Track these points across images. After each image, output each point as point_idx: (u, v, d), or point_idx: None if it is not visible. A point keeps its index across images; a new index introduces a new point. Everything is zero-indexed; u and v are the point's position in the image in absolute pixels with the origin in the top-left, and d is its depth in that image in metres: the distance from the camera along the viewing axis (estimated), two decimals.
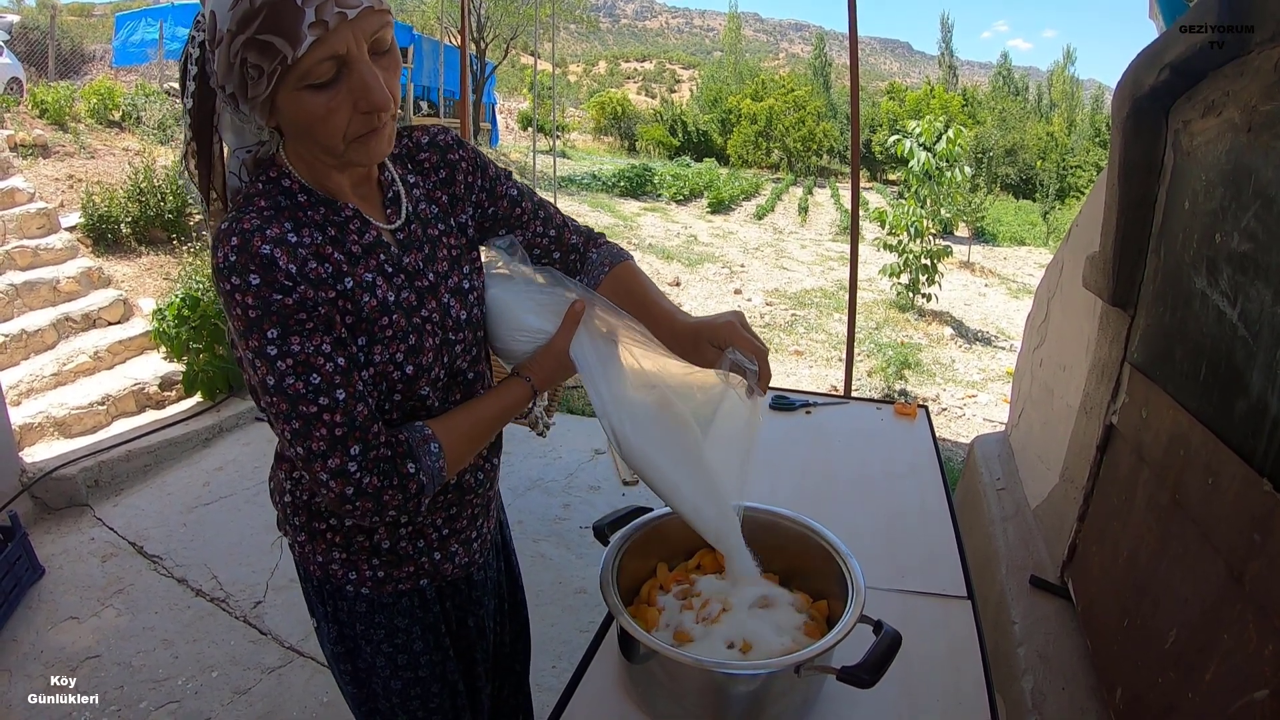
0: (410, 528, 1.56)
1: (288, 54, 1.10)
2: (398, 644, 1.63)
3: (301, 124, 1.21)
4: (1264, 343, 1.40)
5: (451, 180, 1.57)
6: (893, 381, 9.23)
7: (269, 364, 1.22)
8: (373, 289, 1.34)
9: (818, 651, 1.34)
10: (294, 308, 1.21)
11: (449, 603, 1.72)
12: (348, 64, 1.17)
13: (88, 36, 25.94)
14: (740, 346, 1.42)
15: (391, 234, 1.42)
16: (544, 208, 1.70)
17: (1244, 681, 1.28)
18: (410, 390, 1.41)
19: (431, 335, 1.43)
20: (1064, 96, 53.99)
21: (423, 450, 1.35)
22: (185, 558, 4.21)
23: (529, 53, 28.78)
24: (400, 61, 1.28)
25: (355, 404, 1.27)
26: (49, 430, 5.32)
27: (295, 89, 1.16)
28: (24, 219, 7.32)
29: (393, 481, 1.30)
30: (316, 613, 1.65)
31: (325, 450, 1.25)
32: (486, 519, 1.75)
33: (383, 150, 1.28)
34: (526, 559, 4.16)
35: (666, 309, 1.58)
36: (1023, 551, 2.71)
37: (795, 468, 2.53)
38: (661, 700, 1.47)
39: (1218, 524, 1.46)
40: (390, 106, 1.23)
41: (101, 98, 11.31)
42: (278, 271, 1.19)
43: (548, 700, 1.59)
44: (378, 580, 1.57)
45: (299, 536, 1.57)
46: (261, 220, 1.22)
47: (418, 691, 1.67)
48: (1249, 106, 1.54)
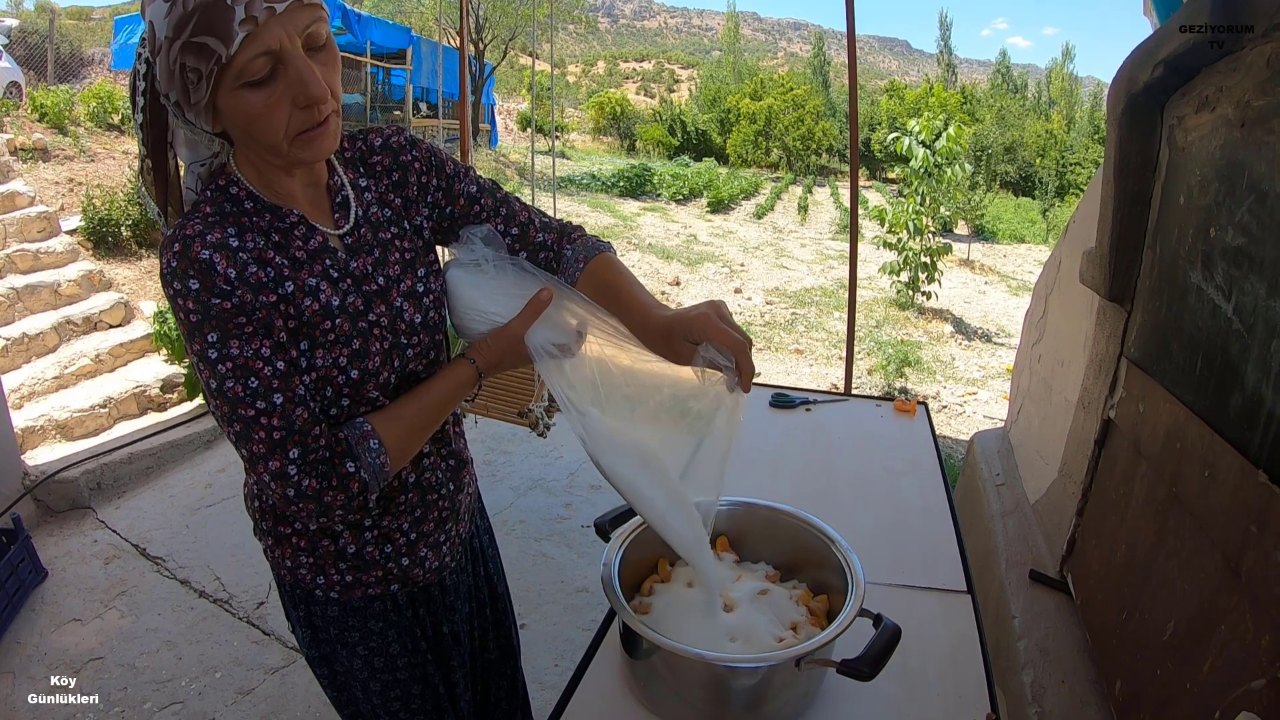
0: (376, 532, 1.55)
1: (221, 53, 1.12)
2: (373, 647, 1.64)
3: (243, 124, 1.22)
4: (1258, 336, 1.41)
5: (404, 183, 1.55)
6: (893, 379, 9.24)
7: (210, 367, 1.24)
8: (315, 293, 1.34)
9: (818, 644, 1.35)
10: (232, 312, 1.23)
11: (422, 609, 1.70)
12: (282, 60, 1.18)
13: (86, 40, 25.98)
14: (716, 340, 1.33)
15: (339, 239, 1.42)
16: (507, 204, 1.65)
17: (1241, 672, 1.29)
18: (358, 394, 1.41)
19: (379, 340, 1.42)
20: (1063, 94, 53.86)
21: (362, 448, 1.35)
22: (188, 559, 4.22)
23: (527, 53, 28.80)
24: (338, 57, 1.28)
25: (294, 408, 1.28)
26: (51, 433, 5.34)
27: (233, 88, 1.17)
28: (24, 223, 7.33)
29: (331, 483, 1.31)
30: (291, 617, 1.66)
31: (265, 453, 1.27)
32: (456, 522, 1.72)
33: (328, 146, 1.29)
34: (528, 558, 4.17)
35: (642, 301, 1.50)
36: (1022, 546, 2.72)
37: (795, 465, 2.54)
38: (664, 695, 1.48)
39: (1214, 516, 1.47)
40: (328, 100, 1.23)
41: (101, 101, 11.33)
42: (216, 276, 1.21)
43: (550, 698, 1.60)
44: (345, 585, 1.57)
45: (268, 541, 1.58)
46: (204, 226, 1.23)
47: (398, 693, 1.68)
48: (1242, 102, 1.55)
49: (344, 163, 1.49)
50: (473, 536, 1.87)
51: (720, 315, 1.35)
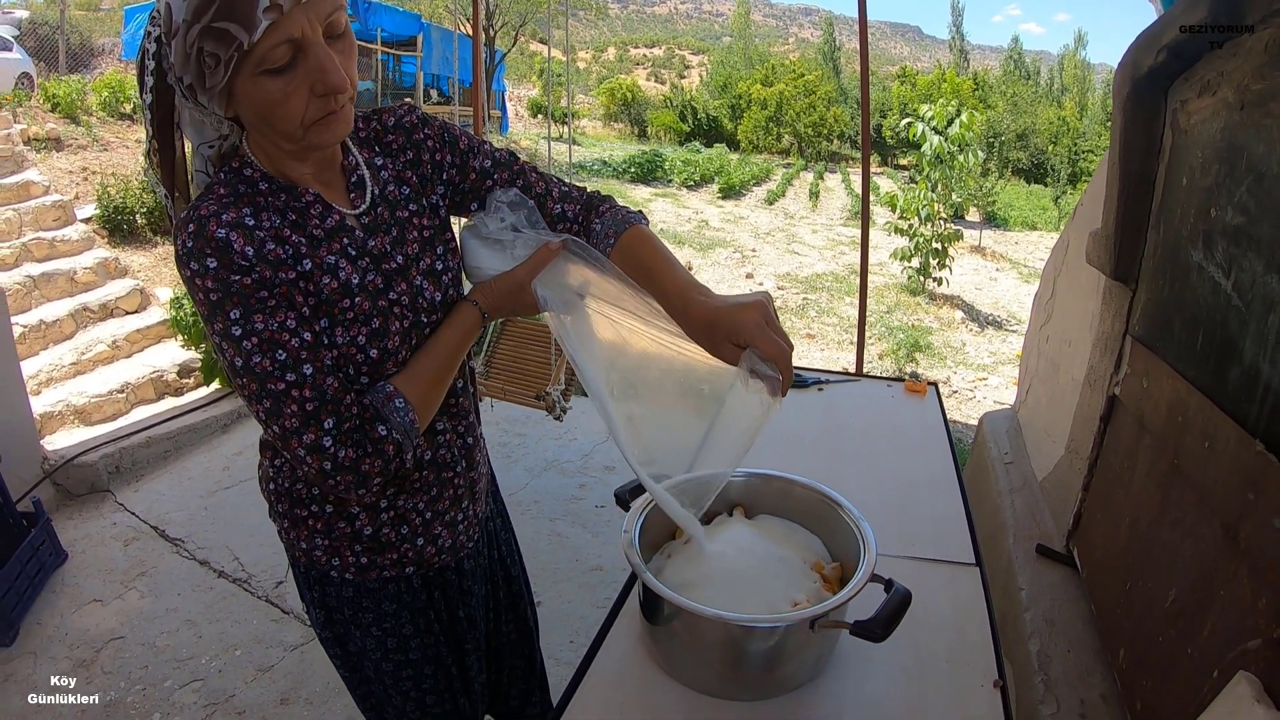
0: (392, 513, 1.56)
1: (243, 40, 1.10)
2: (387, 628, 1.65)
3: (260, 110, 1.20)
4: (1255, 312, 1.45)
5: (419, 161, 1.54)
6: (904, 364, 9.27)
7: (235, 345, 1.22)
8: (334, 271, 1.34)
9: (832, 606, 1.38)
10: (254, 286, 1.22)
11: (437, 593, 1.72)
12: (303, 48, 1.16)
13: (96, 30, 25.97)
14: (763, 349, 1.28)
15: (356, 218, 1.41)
16: (523, 175, 1.61)
17: (1239, 634, 1.32)
18: (376, 373, 1.40)
19: (400, 318, 1.42)
20: (1075, 80, 53.37)
21: (389, 409, 1.36)
22: (206, 540, 4.26)
23: (538, 40, 28.77)
24: (355, 45, 1.27)
25: (324, 378, 1.28)
26: (69, 418, 5.40)
27: (252, 75, 1.16)
28: (40, 211, 7.41)
29: (367, 450, 1.31)
30: (305, 598, 1.67)
31: (299, 427, 1.26)
32: (473, 501, 1.72)
33: (341, 132, 1.28)
34: (543, 538, 4.19)
35: (680, 282, 1.42)
36: (1030, 522, 2.75)
37: (807, 442, 2.56)
38: (683, 658, 1.51)
39: (1214, 486, 1.51)
40: (347, 89, 1.23)
41: (112, 90, 11.39)
42: (234, 254, 1.20)
43: (565, 674, 1.61)
44: (361, 566, 1.58)
45: (283, 524, 1.59)
46: (219, 206, 1.23)
47: (409, 674, 1.69)
48: (1241, 86, 1.58)
49: (358, 142, 1.48)
50: (487, 519, 1.87)
51: (767, 319, 1.30)
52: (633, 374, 1.51)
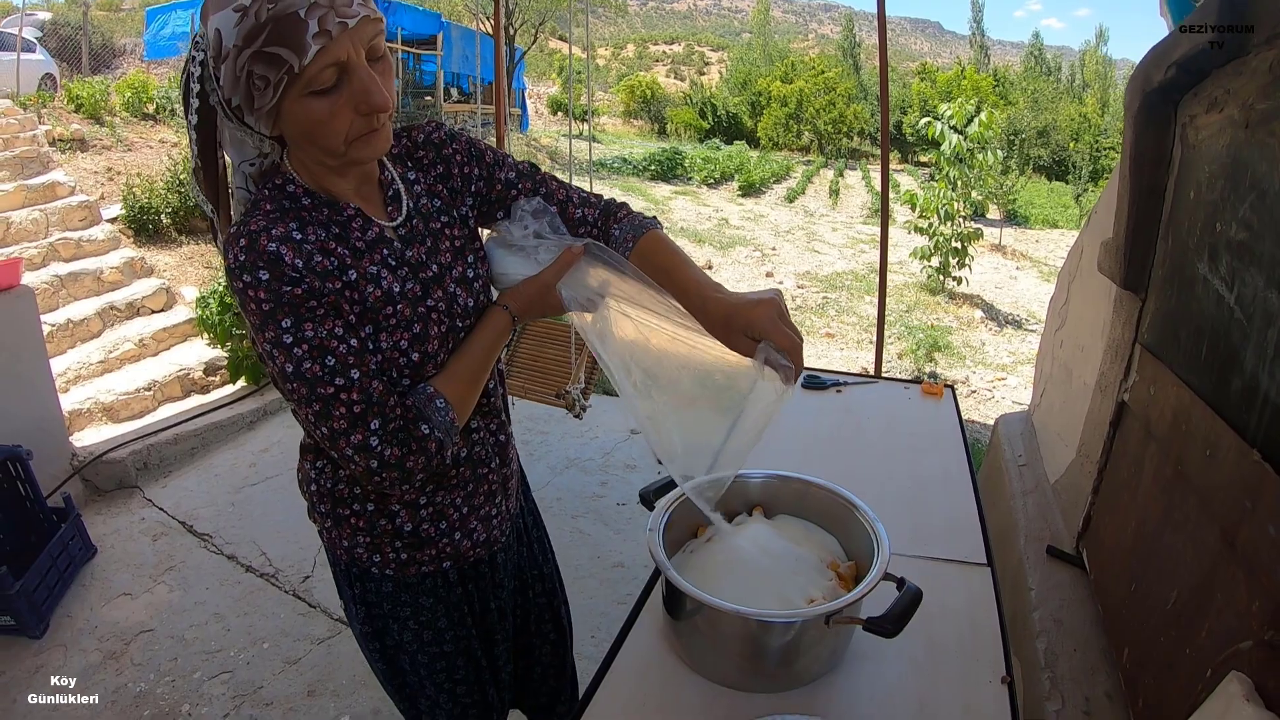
0: (431, 509, 1.62)
1: (294, 64, 1.18)
2: (423, 621, 1.71)
3: (305, 128, 1.27)
4: (1256, 325, 1.49)
5: (449, 174, 1.60)
6: (923, 364, 9.27)
7: (286, 352, 1.28)
8: (377, 280, 1.40)
9: (847, 603, 1.44)
10: (304, 297, 1.28)
11: (471, 585, 1.77)
12: (348, 70, 1.24)
13: (118, 31, 26.17)
14: (776, 340, 1.38)
15: (394, 230, 1.48)
16: (545, 184, 1.68)
17: (1233, 636, 1.37)
18: (418, 376, 1.47)
19: (438, 324, 1.48)
20: (1097, 76, 52.71)
21: (430, 409, 1.42)
22: (234, 535, 4.33)
23: (557, 37, 28.76)
24: (392, 65, 1.35)
25: (370, 381, 1.33)
26: (97, 415, 5.46)
27: (300, 96, 1.23)
28: (66, 212, 7.50)
29: (411, 448, 1.37)
30: (345, 595, 1.74)
31: (347, 428, 1.32)
32: (506, 497, 1.79)
33: (381, 148, 1.35)
34: (565, 534, 4.23)
35: (697, 281, 1.52)
36: (1041, 523, 2.79)
37: (825, 443, 2.61)
38: (704, 651, 1.57)
39: (1215, 492, 1.55)
40: (389, 107, 1.30)
41: (135, 91, 11.44)
42: (285, 266, 1.26)
43: (589, 668, 1.67)
44: (401, 563, 1.64)
45: (325, 523, 1.65)
46: (267, 221, 1.29)
47: (443, 665, 1.76)
48: (1247, 104, 1.62)
49: (391, 158, 1.55)
50: (518, 515, 1.93)
51: (780, 314, 1.40)
52: (653, 368, 1.56)
